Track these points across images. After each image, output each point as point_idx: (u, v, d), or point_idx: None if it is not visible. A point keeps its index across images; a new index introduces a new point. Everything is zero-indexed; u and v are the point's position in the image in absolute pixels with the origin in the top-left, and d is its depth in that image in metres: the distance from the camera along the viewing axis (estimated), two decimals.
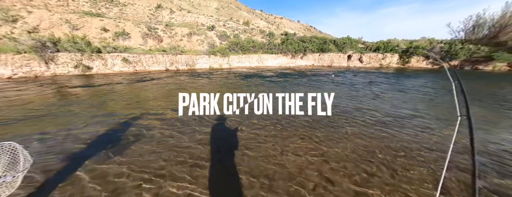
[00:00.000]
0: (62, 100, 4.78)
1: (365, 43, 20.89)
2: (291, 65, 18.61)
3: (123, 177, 1.83)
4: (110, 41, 11.85)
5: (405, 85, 7.22)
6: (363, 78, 9.04)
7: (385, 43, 18.23)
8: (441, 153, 2.25)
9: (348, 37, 21.17)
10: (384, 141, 2.57)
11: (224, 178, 1.88)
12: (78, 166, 1.99)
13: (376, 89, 6.31)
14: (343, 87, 6.64)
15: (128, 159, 2.14)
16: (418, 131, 2.90)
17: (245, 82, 7.87)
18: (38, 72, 8.63)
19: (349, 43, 20.18)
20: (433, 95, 5.48)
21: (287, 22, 65.52)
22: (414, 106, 4.31)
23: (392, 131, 2.92)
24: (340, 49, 19.67)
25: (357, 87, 6.59)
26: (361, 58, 17.91)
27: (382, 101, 4.72)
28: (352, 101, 4.72)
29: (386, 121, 3.31)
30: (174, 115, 3.62)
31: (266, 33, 24.73)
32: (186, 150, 2.33)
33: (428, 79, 9.15)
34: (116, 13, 18.04)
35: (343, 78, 8.97)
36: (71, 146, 2.43)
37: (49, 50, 8.70)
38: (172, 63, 12.61)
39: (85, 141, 2.56)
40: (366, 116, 3.58)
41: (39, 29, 10.42)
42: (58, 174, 1.88)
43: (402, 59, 16.65)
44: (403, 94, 5.53)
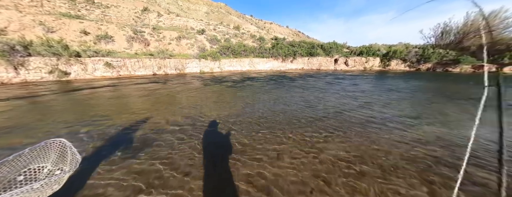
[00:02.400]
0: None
1: (349, 48, 22.18)
2: (282, 69, 19.00)
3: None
4: (91, 44, 11.11)
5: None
6: (377, 85, 8.03)
7: (367, 47, 19.53)
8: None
9: (334, 42, 22.33)
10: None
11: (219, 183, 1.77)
12: None
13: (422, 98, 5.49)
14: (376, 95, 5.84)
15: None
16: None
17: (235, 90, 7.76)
18: (5, 79, 7.71)
19: (335, 47, 21.29)
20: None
21: (276, 27, 67.47)
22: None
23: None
24: (327, 53, 20.65)
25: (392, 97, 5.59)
26: (346, 61, 18.96)
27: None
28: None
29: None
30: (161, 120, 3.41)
31: (256, 37, 25.10)
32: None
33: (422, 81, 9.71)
34: (98, 15, 17.10)
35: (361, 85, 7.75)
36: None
37: (18, 54, 7.86)
38: (160, 67, 12.13)
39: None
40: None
41: (7, 31, 9.43)
42: None
43: (383, 62, 17.95)
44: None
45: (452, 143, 2.65)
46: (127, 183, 1.83)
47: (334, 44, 21.82)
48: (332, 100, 5.19)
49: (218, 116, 3.84)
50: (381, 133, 2.97)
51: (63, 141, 1.21)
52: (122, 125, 3.33)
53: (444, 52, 15.04)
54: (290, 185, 1.81)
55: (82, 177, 1.91)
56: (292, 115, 3.99)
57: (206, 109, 4.37)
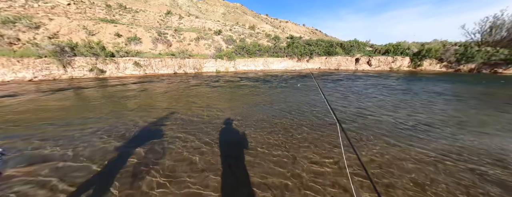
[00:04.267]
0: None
1: (373, 46, 20.54)
2: (297, 68, 18.54)
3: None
4: (123, 45, 12.39)
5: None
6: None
7: (394, 45, 17.79)
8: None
9: (355, 40, 20.92)
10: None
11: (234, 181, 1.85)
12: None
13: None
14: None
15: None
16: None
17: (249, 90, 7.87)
18: (57, 75, 9.12)
19: (356, 46, 19.93)
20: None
21: (292, 26, 66.00)
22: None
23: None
24: (347, 52, 19.45)
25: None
26: (369, 61, 17.56)
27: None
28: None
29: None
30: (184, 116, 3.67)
31: (271, 36, 24.94)
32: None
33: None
34: (129, 19, 18.95)
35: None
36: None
37: (67, 55, 9.21)
38: (180, 67, 12.93)
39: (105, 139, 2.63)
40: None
41: (58, 35, 11.11)
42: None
43: (414, 62, 16.12)
44: None
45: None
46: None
47: (355, 42, 20.44)
48: (370, 105, 4.71)
49: (231, 113, 3.97)
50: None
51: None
52: (150, 116, 3.67)
53: (492, 50, 12.90)
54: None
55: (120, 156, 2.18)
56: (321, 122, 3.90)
57: (219, 105, 4.54)
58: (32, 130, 3.02)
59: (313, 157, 2.32)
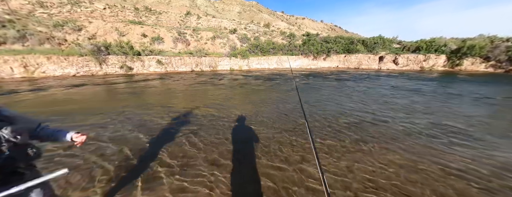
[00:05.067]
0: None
1: (401, 43, 18.65)
2: (313, 67, 17.91)
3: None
4: (148, 45, 13.53)
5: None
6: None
7: (427, 42, 15.79)
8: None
9: (379, 37, 19.23)
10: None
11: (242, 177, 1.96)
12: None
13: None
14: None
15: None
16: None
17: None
18: (94, 71, 10.45)
19: (381, 43, 18.30)
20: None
21: (309, 23, 63.53)
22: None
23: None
24: (369, 49, 18.02)
25: None
26: (396, 59, 15.96)
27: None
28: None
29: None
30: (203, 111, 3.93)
31: (286, 34, 24.45)
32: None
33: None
34: (153, 20, 20.51)
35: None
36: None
37: (102, 53, 10.46)
38: (197, 65, 13.61)
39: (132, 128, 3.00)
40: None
41: (96, 36, 12.64)
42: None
43: (451, 61, 14.09)
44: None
45: None
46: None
47: (379, 38, 18.77)
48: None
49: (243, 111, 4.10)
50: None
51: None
52: (173, 110, 4.02)
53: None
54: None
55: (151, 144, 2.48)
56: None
57: (231, 102, 4.71)
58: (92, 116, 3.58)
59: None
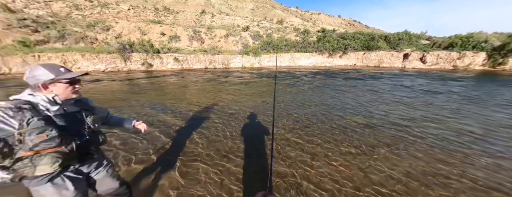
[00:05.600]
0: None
1: (431, 39, 16.87)
2: (328, 65, 17.22)
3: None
4: (166, 43, 14.35)
5: None
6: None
7: (464, 38, 13.94)
8: None
9: (405, 32, 17.61)
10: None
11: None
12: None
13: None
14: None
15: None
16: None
17: None
18: (120, 67, 11.48)
19: (406, 39, 16.74)
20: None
21: (325, 18, 60.59)
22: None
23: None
24: (392, 46, 16.63)
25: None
26: (424, 57, 14.44)
27: None
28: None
29: None
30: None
31: (300, 30, 23.74)
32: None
33: None
34: (171, 19, 21.55)
35: None
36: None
37: (127, 51, 11.42)
38: (211, 62, 14.06)
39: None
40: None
41: (121, 35, 13.78)
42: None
43: (493, 60, 12.24)
44: None
45: None
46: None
47: (405, 34, 17.18)
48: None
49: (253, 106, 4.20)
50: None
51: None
52: (191, 104, 4.31)
53: None
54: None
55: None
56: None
57: (240, 98, 4.85)
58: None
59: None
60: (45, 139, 0.81)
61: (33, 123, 0.80)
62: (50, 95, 0.89)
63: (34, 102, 0.85)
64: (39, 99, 0.87)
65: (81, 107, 1.00)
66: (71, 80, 0.90)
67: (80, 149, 0.93)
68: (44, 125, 0.81)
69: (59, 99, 0.91)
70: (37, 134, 0.79)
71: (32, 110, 0.81)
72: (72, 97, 0.94)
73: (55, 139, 0.83)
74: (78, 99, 1.00)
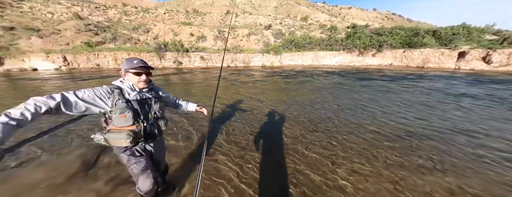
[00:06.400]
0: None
1: (500, 33, 13.57)
2: (357, 64, 15.75)
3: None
4: (194, 43, 15.63)
5: None
6: None
7: None
8: None
9: (462, 25, 14.51)
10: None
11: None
12: None
13: None
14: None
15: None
16: None
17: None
18: (155, 65, 13.14)
19: (463, 33, 13.72)
20: None
21: (357, 12, 55.17)
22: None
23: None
24: (444, 43, 13.90)
25: None
26: (488, 56, 11.44)
27: None
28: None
29: None
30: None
31: (326, 27, 22.35)
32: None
33: None
34: (199, 21, 23.25)
35: None
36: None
37: (162, 50, 12.97)
38: (232, 61, 14.68)
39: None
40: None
41: (158, 36, 15.66)
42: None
43: None
44: None
45: None
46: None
47: (462, 28, 14.12)
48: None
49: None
50: None
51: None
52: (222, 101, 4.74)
53: None
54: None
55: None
56: None
57: (262, 98, 4.99)
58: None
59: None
60: (124, 119, 0.98)
61: (119, 104, 0.98)
62: (130, 82, 1.05)
63: (121, 87, 1.04)
64: (125, 85, 1.05)
65: (153, 95, 1.15)
66: (136, 71, 1.01)
67: (146, 130, 1.08)
68: (125, 107, 0.99)
69: (136, 87, 1.06)
70: (119, 113, 0.97)
71: (119, 94, 1.00)
72: (140, 87, 1.07)
73: (130, 120, 1.00)
74: (151, 87, 1.15)
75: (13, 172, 1.79)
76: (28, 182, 1.65)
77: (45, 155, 2.10)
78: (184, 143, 2.48)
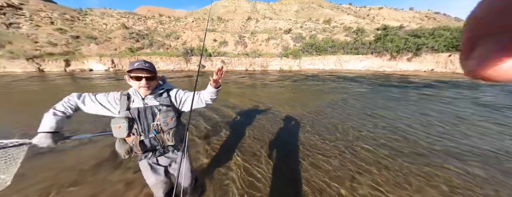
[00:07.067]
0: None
1: None
2: (388, 70, 14.24)
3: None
4: (216, 48, 16.72)
5: None
6: None
7: None
8: None
9: None
10: None
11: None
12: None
13: None
14: None
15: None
16: None
17: None
18: (183, 68, 14.50)
19: None
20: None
21: (389, 13, 50.48)
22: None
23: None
24: None
25: None
26: None
27: None
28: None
29: None
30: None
31: (352, 29, 21.07)
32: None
33: None
34: (222, 27, 24.81)
35: None
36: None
37: (189, 55, 14.26)
38: (251, 65, 15.11)
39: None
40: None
41: (186, 42, 17.30)
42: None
43: None
44: None
45: None
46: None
47: None
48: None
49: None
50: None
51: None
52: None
53: None
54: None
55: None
56: None
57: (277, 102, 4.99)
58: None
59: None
60: (119, 130, 0.85)
61: (122, 112, 0.87)
62: (133, 88, 0.90)
63: (130, 94, 0.91)
64: (132, 90, 0.91)
65: (161, 103, 0.93)
66: (135, 74, 0.83)
67: (143, 144, 0.93)
68: (122, 116, 0.86)
69: (137, 92, 0.89)
70: (115, 123, 0.85)
71: (127, 101, 0.89)
72: (141, 93, 0.89)
73: (125, 131, 0.84)
74: (160, 93, 0.95)
75: (69, 151, 2.27)
76: (77, 161, 2.07)
77: (88, 143, 2.57)
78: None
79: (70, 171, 1.90)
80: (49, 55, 12.22)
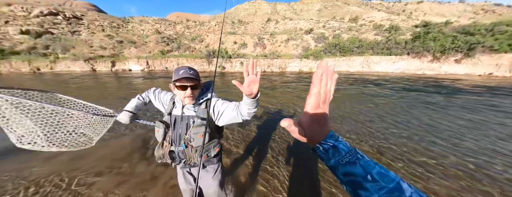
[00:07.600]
0: None
1: None
2: (429, 72, 12.31)
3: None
4: (236, 50, 17.31)
5: None
6: None
7: None
8: None
9: None
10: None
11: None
12: None
13: None
14: None
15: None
16: None
17: None
18: (205, 69, 15.49)
19: None
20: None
21: (431, 7, 44.01)
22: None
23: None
24: None
25: None
26: None
27: None
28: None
29: None
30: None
31: (384, 27, 19.10)
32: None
33: None
34: (242, 30, 25.57)
35: None
36: None
37: (211, 57, 15.15)
38: (269, 66, 15.12)
39: None
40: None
41: (209, 45, 18.42)
42: None
43: None
44: None
45: None
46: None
47: None
48: None
49: None
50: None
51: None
52: None
53: None
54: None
55: None
56: None
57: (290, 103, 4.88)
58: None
59: None
60: (157, 133, 0.87)
61: (165, 116, 0.91)
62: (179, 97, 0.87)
63: (175, 99, 0.92)
64: (178, 97, 0.90)
65: (197, 114, 0.87)
66: (180, 84, 0.79)
67: (172, 155, 0.90)
68: (164, 120, 0.89)
69: (182, 100, 0.87)
70: (157, 126, 0.87)
71: (172, 105, 0.92)
72: (185, 103, 0.86)
73: (160, 137, 0.87)
74: (200, 103, 0.89)
75: (114, 139, 2.68)
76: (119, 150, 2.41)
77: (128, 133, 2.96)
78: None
79: (102, 160, 1.99)
80: (100, 57, 14.62)
